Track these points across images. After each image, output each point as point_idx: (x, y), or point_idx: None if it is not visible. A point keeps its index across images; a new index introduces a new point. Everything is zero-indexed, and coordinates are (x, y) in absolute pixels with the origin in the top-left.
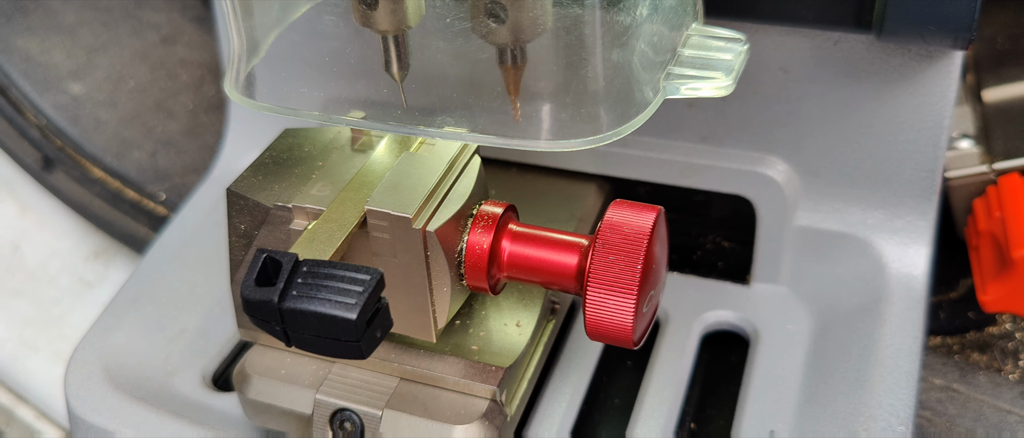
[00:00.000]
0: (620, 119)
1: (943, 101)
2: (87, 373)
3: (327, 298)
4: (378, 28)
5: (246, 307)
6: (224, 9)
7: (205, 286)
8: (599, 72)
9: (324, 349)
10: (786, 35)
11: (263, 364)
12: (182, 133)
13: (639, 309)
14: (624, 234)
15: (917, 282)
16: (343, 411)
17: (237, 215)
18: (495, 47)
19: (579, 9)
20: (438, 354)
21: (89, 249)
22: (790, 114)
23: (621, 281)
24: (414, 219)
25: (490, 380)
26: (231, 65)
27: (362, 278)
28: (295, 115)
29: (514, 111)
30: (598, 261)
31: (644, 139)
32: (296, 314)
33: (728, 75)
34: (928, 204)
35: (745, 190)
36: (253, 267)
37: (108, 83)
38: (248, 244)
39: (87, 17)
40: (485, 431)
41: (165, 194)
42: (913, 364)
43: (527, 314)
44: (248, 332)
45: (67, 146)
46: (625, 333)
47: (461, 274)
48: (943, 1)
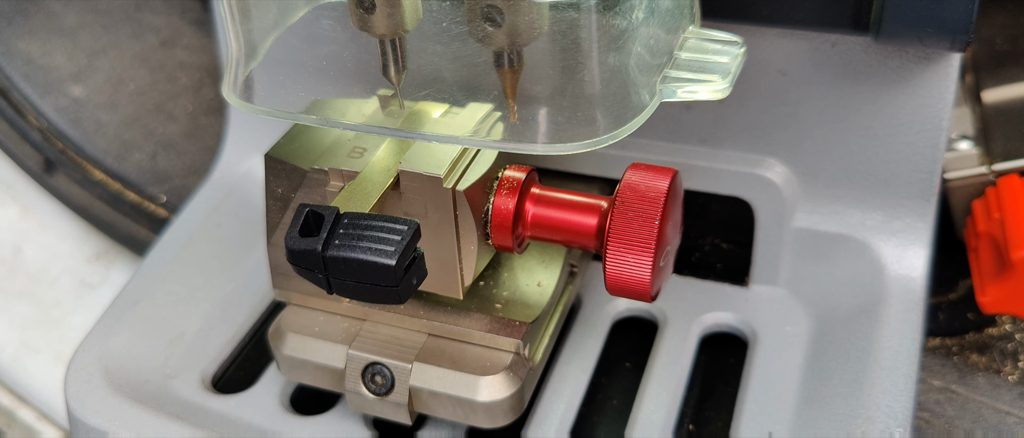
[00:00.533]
0: (616, 122)
1: (941, 103)
2: (87, 375)
3: (368, 246)
4: (375, 32)
5: (290, 257)
6: (222, 13)
7: (205, 289)
8: (595, 76)
9: (364, 295)
10: (784, 37)
11: (297, 322)
12: (182, 135)
13: (656, 264)
14: (642, 194)
15: (916, 284)
16: (374, 365)
17: (274, 179)
18: (492, 51)
19: (575, 13)
20: (464, 311)
21: (90, 251)
22: (788, 116)
23: (640, 238)
24: (445, 179)
25: (514, 334)
26: (229, 69)
27: (400, 228)
28: (293, 119)
29: (511, 114)
30: (618, 219)
31: (643, 141)
32: (338, 262)
33: (725, 78)
34: (927, 206)
35: (744, 192)
36: (296, 220)
37: (109, 86)
38: (284, 207)
39: (88, 20)
40: (509, 382)
41: (165, 196)
42: (911, 366)
43: (548, 274)
44: (283, 292)
45: (68, 148)
46: (643, 287)
47: (487, 234)
48: (940, 3)
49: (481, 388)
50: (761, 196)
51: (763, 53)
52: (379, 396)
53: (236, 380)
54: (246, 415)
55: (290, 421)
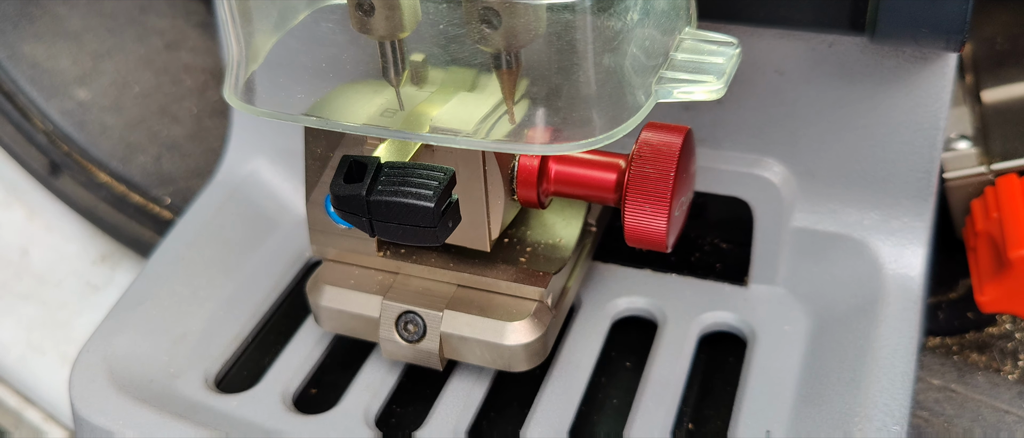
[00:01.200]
0: (612, 122)
1: (938, 102)
2: (91, 375)
3: (409, 190)
4: (375, 34)
5: (336, 202)
6: (223, 16)
7: (208, 289)
8: (591, 77)
9: (404, 236)
10: (781, 38)
11: (334, 276)
12: (187, 137)
13: (671, 215)
14: (657, 149)
15: (913, 283)
16: (408, 313)
17: (313, 140)
18: (490, 52)
19: (570, 15)
20: (491, 263)
21: (95, 253)
22: (786, 116)
23: (656, 191)
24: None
25: (538, 283)
26: (230, 71)
27: (437, 174)
28: (293, 121)
29: (510, 115)
30: (636, 173)
31: None
32: (381, 205)
33: (719, 78)
34: (924, 205)
35: (742, 192)
36: (340, 170)
37: (114, 88)
38: (323, 166)
39: (92, 23)
40: (534, 328)
41: (170, 198)
42: (909, 365)
43: (569, 231)
44: (320, 249)
45: (73, 151)
46: (660, 237)
47: (513, 189)
48: (935, 4)
49: (508, 333)
50: (759, 196)
51: (760, 53)
52: (412, 343)
53: (239, 379)
54: (249, 414)
55: (293, 420)
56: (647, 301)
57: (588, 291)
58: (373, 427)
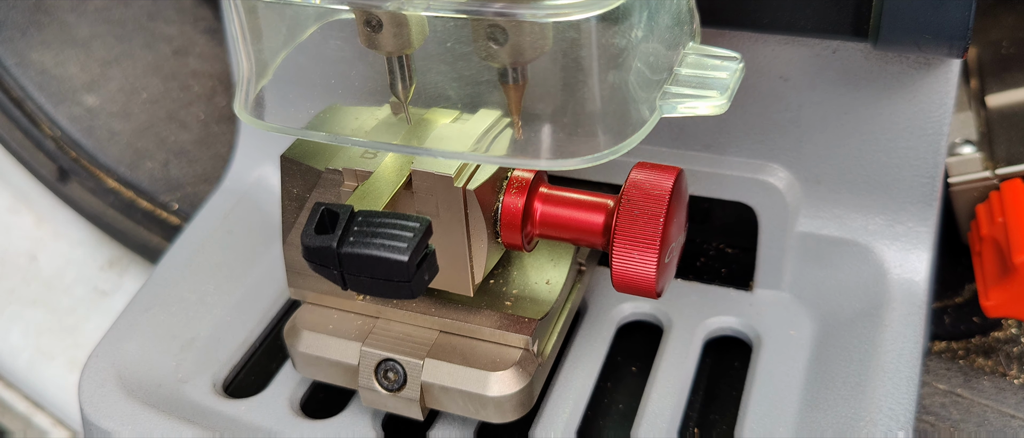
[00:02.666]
0: (617, 138)
1: (942, 108)
2: (100, 380)
3: (381, 243)
4: (383, 50)
5: (306, 254)
6: (234, 33)
7: (216, 294)
8: (596, 93)
9: (377, 290)
10: (785, 44)
11: (312, 320)
12: (194, 143)
13: (661, 261)
14: (647, 192)
15: (918, 287)
16: (387, 361)
17: (290, 179)
18: (497, 67)
19: (575, 33)
20: (475, 308)
21: (104, 258)
22: (790, 122)
23: (645, 235)
24: (455, 178)
25: (523, 331)
26: (241, 87)
27: (412, 225)
28: (302, 136)
29: (516, 129)
30: (624, 217)
31: (647, 147)
32: (353, 258)
33: (723, 93)
34: (928, 210)
35: (747, 197)
36: (312, 218)
37: (122, 95)
38: (300, 207)
39: (101, 30)
40: (519, 377)
41: (178, 204)
42: (914, 369)
43: (557, 272)
44: (298, 291)
45: (82, 157)
46: (649, 284)
47: (497, 232)
48: (937, 10)
49: (491, 383)
50: (764, 201)
51: (765, 59)
52: (392, 392)
53: (247, 384)
54: (257, 419)
55: (301, 425)
56: (652, 306)
57: (594, 296)
58: (381, 431)
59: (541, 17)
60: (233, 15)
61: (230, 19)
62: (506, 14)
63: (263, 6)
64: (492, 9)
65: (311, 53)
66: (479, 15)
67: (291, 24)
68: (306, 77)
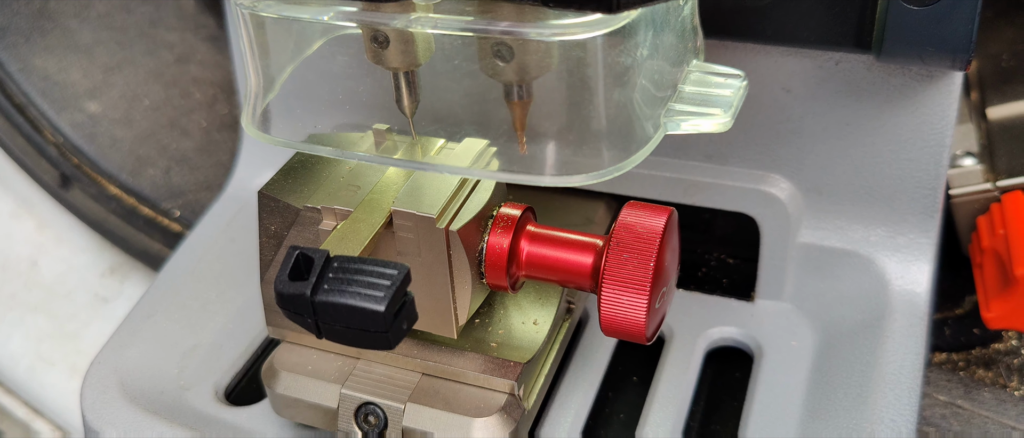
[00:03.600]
0: (621, 155)
1: (944, 120)
2: (103, 387)
3: (357, 291)
4: (389, 65)
5: (280, 301)
6: (242, 48)
7: (218, 302)
8: (601, 111)
9: (353, 340)
10: (788, 55)
11: (291, 360)
12: (196, 151)
13: (652, 306)
14: (637, 234)
15: (919, 299)
16: (368, 405)
17: (268, 216)
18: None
19: (581, 52)
20: (459, 350)
21: (105, 265)
22: (793, 133)
23: (635, 279)
24: (438, 219)
25: (508, 375)
26: (247, 101)
27: (389, 273)
28: (308, 150)
29: (520, 146)
30: (613, 260)
31: (650, 158)
32: (328, 307)
33: (727, 111)
34: (930, 222)
35: (749, 208)
36: (286, 263)
37: (124, 102)
38: (278, 244)
39: (103, 37)
40: (503, 424)
41: (179, 211)
42: (915, 381)
43: (544, 313)
44: (276, 330)
45: (84, 164)
46: (638, 329)
47: (481, 273)
48: (940, 23)
49: (474, 430)
50: (766, 212)
51: (767, 71)
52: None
53: (249, 392)
54: (258, 426)
55: (302, 433)
56: None
57: (594, 306)
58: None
59: (547, 36)
60: (241, 30)
61: (238, 34)
62: (512, 33)
63: (271, 21)
64: (498, 28)
65: (318, 68)
66: (486, 33)
67: (298, 39)
68: (312, 92)
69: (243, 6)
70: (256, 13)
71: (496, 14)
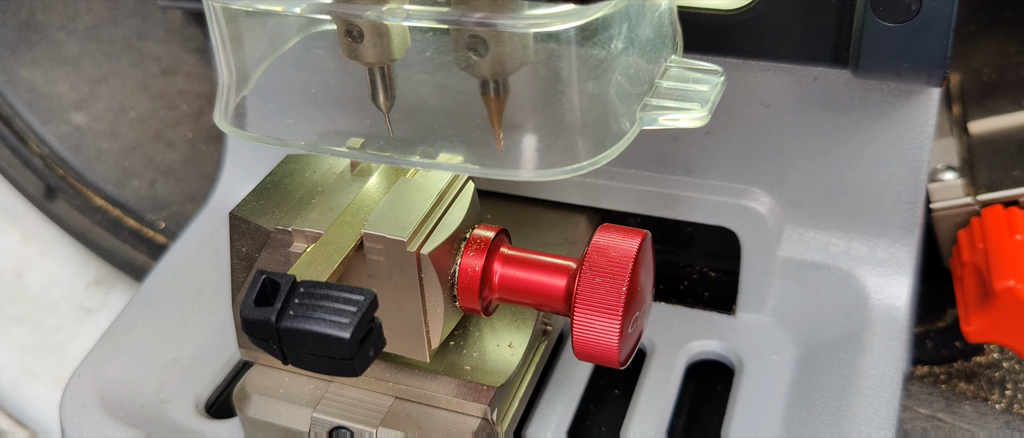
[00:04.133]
0: (597, 149)
1: (922, 135)
2: (83, 399)
3: (322, 318)
4: (364, 60)
5: (245, 326)
6: (214, 42)
7: (199, 315)
8: (575, 104)
9: (320, 367)
10: (767, 71)
11: (262, 383)
12: (181, 162)
13: (624, 330)
14: (610, 257)
15: (899, 312)
16: (339, 429)
17: (239, 238)
18: (478, 79)
19: (555, 44)
20: (432, 374)
21: (90, 277)
22: (773, 148)
23: (607, 303)
24: (409, 242)
25: (482, 399)
26: (221, 96)
27: (356, 299)
28: (283, 145)
29: (497, 141)
30: (585, 283)
31: (630, 171)
32: (293, 333)
33: (704, 106)
34: (910, 236)
35: (729, 222)
36: (252, 288)
37: (110, 113)
38: (250, 266)
39: (90, 49)
40: None
41: (164, 222)
42: (894, 394)
43: (519, 335)
44: (249, 352)
45: (69, 175)
46: (611, 353)
47: (454, 296)
48: (915, 39)
49: None
50: (747, 226)
51: (747, 86)
52: None
53: (230, 405)
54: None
55: None
56: None
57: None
58: None
59: (521, 27)
60: (213, 24)
61: (211, 28)
62: (486, 24)
63: (243, 16)
64: (471, 19)
65: (293, 64)
66: (458, 24)
67: (273, 35)
68: (288, 88)
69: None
70: (228, 7)
71: (469, 6)
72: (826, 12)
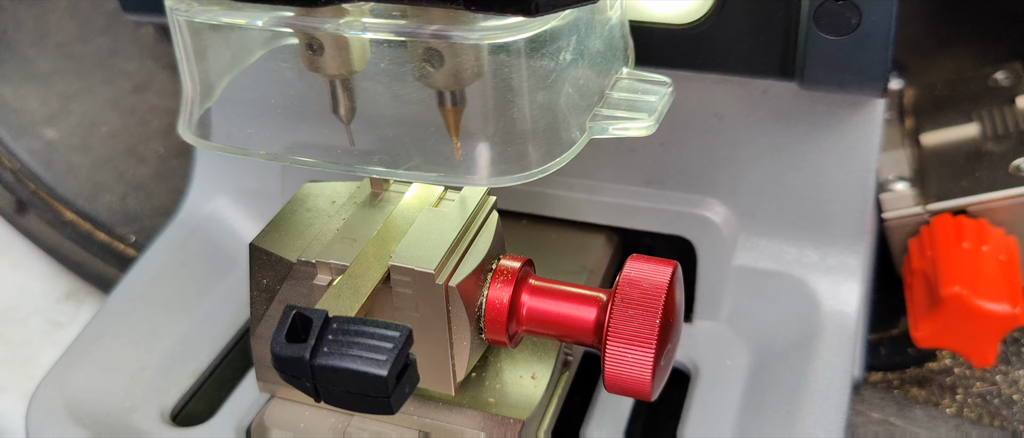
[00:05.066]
0: (547, 157)
1: (868, 145)
2: (48, 409)
3: (358, 355)
4: (325, 72)
5: (277, 363)
6: (179, 55)
7: (167, 324)
8: (527, 113)
9: (353, 404)
10: (718, 83)
11: (282, 417)
12: (152, 177)
13: (657, 363)
14: (643, 289)
15: (848, 319)
16: None
17: (259, 270)
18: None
19: (506, 55)
20: (456, 407)
21: (60, 291)
22: (727, 158)
23: (640, 335)
24: (437, 274)
25: (509, 433)
26: (185, 107)
27: (392, 335)
28: (245, 155)
29: (455, 151)
30: (617, 316)
31: (589, 182)
32: (328, 371)
33: (651, 116)
34: (859, 243)
35: (685, 231)
36: (283, 323)
37: (81, 129)
38: (270, 298)
39: (62, 66)
40: None
41: (135, 236)
42: (843, 397)
43: (542, 366)
44: (267, 385)
45: (40, 190)
46: (644, 386)
47: (480, 328)
48: (856, 52)
49: None
50: (702, 235)
51: (700, 97)
52: None
53: (195, 413)
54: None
55: None
56: None
57: None
58: None
59: (473, 39)
60: (178, 37)
61: (176, 41)
62: (440, 36)
63: (207, 28)
64: (426, 31)
65: (256, 76)
66: (413, 36)
67: (236, 48)
68: (251, 100)
69: (178, 11)
70: (192, 20)
71: (425, 19)
72: (773, 26)
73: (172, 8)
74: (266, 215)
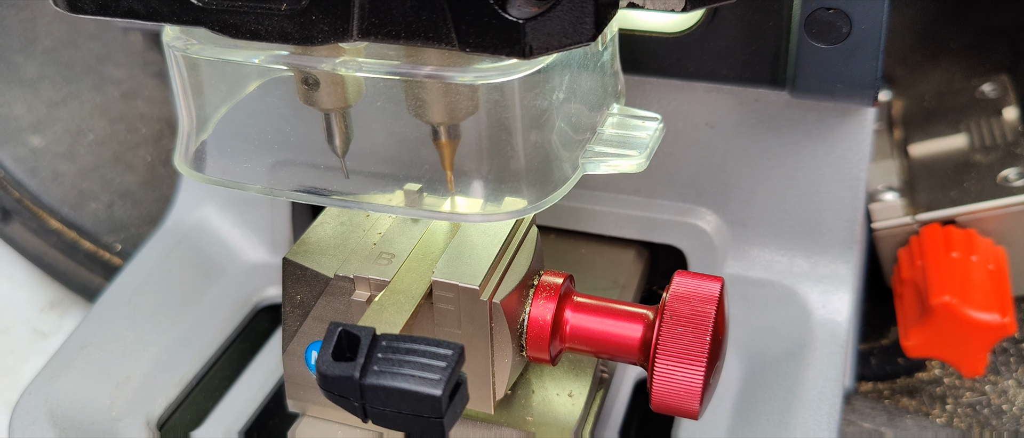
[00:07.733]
0: (540, 194)
1: (858, 154)
2: (32, 418)
3: (410, 374)
4: (320, 106)
5: (323, 383)
6: (175, 88)
7: (154, 333)
8: (520, 151)
9: (403, 425)
10: (710, 92)
11: (313, 436)
12: (140, 185)
13: (707, 381)
14: (692, 305)
15: (839, 328)
16: None
17: (293, 285)
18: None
19: (499, 95)
20: (495, 425)
21: (45, 300)
22: (717, 167)
23: (690, 353)
24: (481, 291)
25: None
26: (181, 140)
27: (444, 353)
28: (241, 189)
29: (449, 185)
30: (666, 332)
31: (580, 191)
32: (378, 390)
33: (642, 153)
34: (849, 252)
35: (676, 240)
36: (328, 341)
37: (68, 136)
38: (304, 314)
39: (49, 72)
40: None
41: (121, 245)
42: (834, 406)
43: (578, 384)
44: (297, 403)
45: (25, 197)
46: (692, 404)
47: (522, 345)
48: (847, 61)
49: None
50: (693, 244)
51: (691, 107)
52: None
53: (181, 422)
54: None
55: None
56: None
57: None
58: None
59: (468, 80)
60: (174, 71)
61: (172, 75)
62: (433, 76)
63: (204, 63)
64: (421, 72)
65: (251, 109)
66: (409, 76)
67: (232, 81)
68: (246, 132)
69: (176, 48)
70: (189, 55)
71: (420, 59)
72: (764, 35)
73: (169, 44)
74: (254, 224)
